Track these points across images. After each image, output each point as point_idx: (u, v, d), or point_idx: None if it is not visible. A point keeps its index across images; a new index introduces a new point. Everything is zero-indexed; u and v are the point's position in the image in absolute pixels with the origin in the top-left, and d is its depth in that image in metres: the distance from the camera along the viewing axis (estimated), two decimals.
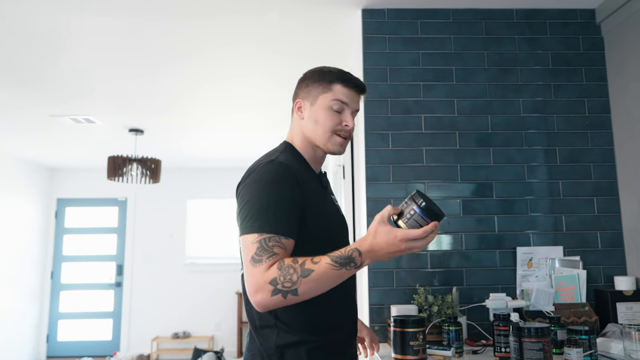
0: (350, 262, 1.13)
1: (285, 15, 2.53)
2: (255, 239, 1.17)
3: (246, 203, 1.23)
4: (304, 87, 1.41)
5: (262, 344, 1.27)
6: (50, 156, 6.09)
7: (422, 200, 1.13)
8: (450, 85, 2.39)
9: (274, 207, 1.21)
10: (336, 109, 1.36)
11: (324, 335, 1.28)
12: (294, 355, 1.24)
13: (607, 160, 2.37)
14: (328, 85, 1.37)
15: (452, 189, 2.32)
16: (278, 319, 1.26)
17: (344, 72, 1.40)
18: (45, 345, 6.66)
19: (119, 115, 4.31)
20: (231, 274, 6.86)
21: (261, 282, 1.13)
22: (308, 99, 1.40)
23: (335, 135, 1.37)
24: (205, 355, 5.61)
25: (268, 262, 1.15)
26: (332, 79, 1.37)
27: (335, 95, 1.36)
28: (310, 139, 1.39)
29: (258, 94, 3.79)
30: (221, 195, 7.03)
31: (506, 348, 1.75)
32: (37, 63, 3.10)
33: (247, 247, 1.18)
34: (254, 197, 1.23)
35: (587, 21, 2.48)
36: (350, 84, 1.38)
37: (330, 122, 1.36)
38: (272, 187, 1.23)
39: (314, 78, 1.40)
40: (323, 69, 1.41)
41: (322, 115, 1.36)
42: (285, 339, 1.25)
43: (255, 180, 1.25)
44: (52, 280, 6.79)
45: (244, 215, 1.22)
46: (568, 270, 2.25)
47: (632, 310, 2.13)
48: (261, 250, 1.16)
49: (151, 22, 2.58)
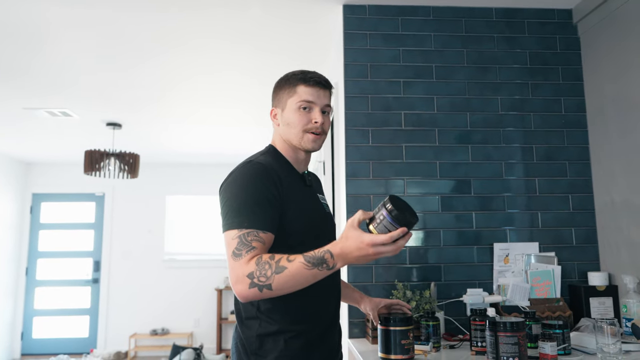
0: (323, 263, 1.18)
1: (268, 10, 2.51)
2: (235, 234, 1.25)
3: (227, 201, 1.31)
4: (275, 96, 1.52)
5: (245, 333, 1.36)
6: (26, 150, 5.97)
7: (392, 207, 1.14)
8: (430, 82, 2.41)
9: (252, 203, 1.28)
10: (305, 108, 1.43)
11: (302, 325, 1.35)
12: (273, 343, 1.32)
13: (582, 158, 2.42)
14: (293, 89, 1.45)
15: (431, 185, 2.34)
16: (260, 310, 1.35)
17: (306, 72, 1.47)
18: (19, 342, 6.53)
19: (97, 109, 4.23)
20: (210, 270, 6.82)
21: (240, 275, 1.21)
22: (279, 105, 1.48)
23: (308, 134, 1.44)
24: (184, 352, 5.57)
25: (247, 256, 1.22)
26: (294, 81, 1.45)
27: (301, 97, 1.43)
28: (288, 141, 1.47)
29: (239, 90, 3.77)
30: (201, 192, 6.98)
31: (482, 342, 1.78)
32: (11, 54, 3.03)
33: (229, 243, 1.26)
34: (233, 195, 1.31)
35: (564, 21, 2.52)
36: (312, 82, 1.44)
37: (300, 123, 1.43)
38: (250, 185, 1.31)
39: (280, 85, 1.49)
40: (287, 74, 1.50)
41: (292, 117, 1.44)
42: (266, 328, 1.33)
43: (234, 179, 1.34)
44: (27, 277, 6.66)
45: (225, 212, 1.30)
46: (543, 266, 2.29)
47: (605, 305, 2.18)
48: (241, 244, 1.23)
49: (131, 13, 2.54)
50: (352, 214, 2.28)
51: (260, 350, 1.33)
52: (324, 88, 1.46)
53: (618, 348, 1.64)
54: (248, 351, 1.34)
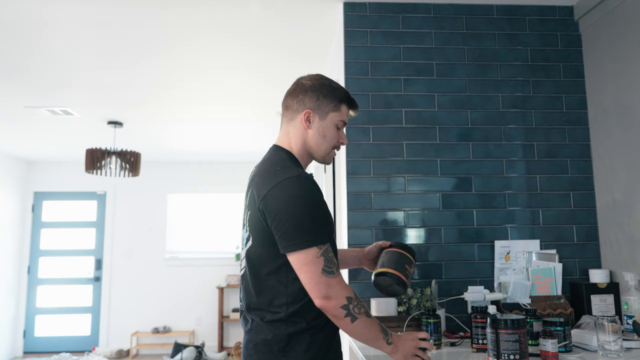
0: (386, 338, 1.39)
1: (267, 7, 2.51)
2: (318, 252, 1.32)
3: (294, 217, 1.33)
4: (315, 99, 1.49)
5: (272, 333, 1.39)
6: (27, 148, 5.97)
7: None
8: (431, 79, 2.41)
9: (320, 219, 1.36)
10: (339, 127, 1.51)
11: (321, 319, 1.40)
12: (301, 339, 1.38)
13: (583, 155, 2.41)
14: (338, 104, 1.49)
15: (432, 183, 2.34)
16: (287, 313, 1.39)
17: (348, 93, 1.54)
18: (22, 340, 6.55)
19: (98, 107, 4.23)
20: (212, 268, 6.82)
21: (340, 294, 1.33)
22: (318, 112, 1.48)
23: (333, 150, 1.53)
24: (186, 350, 5.58)
25: (340, 275, 1.35)
26: (341, 98, 1.50)
27: (342, 117, 1.50)
28: (311, 148, 1.50)
29: (240, 87, 3.76)
30: (203, 190, 6.98)
31: (483, 340, 1.77)
32: (12, 53, 3.03)
33: (313, 262, 1.32)
34: (300, 211, 1.33)
35: (565, 18, 2.51)
36: (354, 105, 1.53)
37: (334, 139, 1.50)
38: (313, 201, 1.36)
39: (324, 93, 1.49)
40: (332, 85, 1.51)
41: (330, 132, 1.49)
42: (294, 327, 1.38)
43: (297, 195, 1.34)
44: (29, 275, 6.67)
45: (295, 228, 1.33)
46: (544, 263, 2.28)
47: (606, 303, 2.18)
48: (328, 262, 1.33)
49: (132, 10, 2.54)
50: (352, 211, 2.28)
51: (287, 347, 1.37)
52: (355, 112, 1.57)
53: (619, 345, 1.64)
54: (275, 349, 1.38)
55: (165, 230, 6.88)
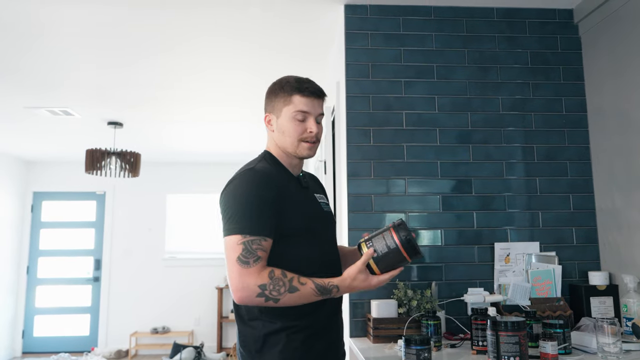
0: (329, 293, 1.36)
1: (267, 8, 2.51)
2: (239, 240, 1.32)
3: (229, 207, 1.37)
4: (269, 102, 1.53)
5: (249, 334, 1.41)
6: (27, 149, 5.97)
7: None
8: (431, 82, 2.41)
9: (254, 210, 1.35)
10: (299, 118, 1.47)
11: (304, 320, 1.40)
12: (276, 339, 1.38)
13: (582, 158, 2.42)
14: (288, 97, 1.47)
15: (432, 185, 2.34)
16: (261, 311, 1.39)
17: (301, 81, 1.49)
18: (21, 340, 6.54)
19: (98, 108, 4.24)
20: (211, 268, 6.83)
21: (250, 284, 1.29)
22: (274, 112, 1.51)
23: (303, 142, 1.49)
24: (185, 351, 5.58)
25: (256, 266, 1.31)
26: (290, 90, 1.47)
27: (296, 107, 1.47)
28: (282, 148, 1.52)
29: (239, 88, 3.77)
30: (202, 190, 6.98)
31: (483, 342, 1.78)
32: (11, 53, 3.03)
33: (232, 247, 1.32)
34: (235, 201, 1.37)
35: (565, 21, 2.52)
36: (307, 92, 1.47)
37: (296, 132, 1.48)
38: (251, 192, 1.37)
39: (275, 92, 1.51)
40: (282, 81, 1.51)
41: (288, 126, 1.48)
42: (270, 327, 1.38)
43: (236, 186, 1.40)
44: (28, 275, 6.67)
45: (227, 217, 1.36)
46: (544, 265, 2.29)
47: (605, 305, 2.19)
48: (247, 252, 1.31)
49: (131, 11, 2.54)
50: (353, 213, 2.29)
51: (263, 348, 1.38)
52: (318, 98, 1.50)
53: (618, 347, 1.64)
54: (252, 350, 1.39)
55: (165, 231, 6.88)
